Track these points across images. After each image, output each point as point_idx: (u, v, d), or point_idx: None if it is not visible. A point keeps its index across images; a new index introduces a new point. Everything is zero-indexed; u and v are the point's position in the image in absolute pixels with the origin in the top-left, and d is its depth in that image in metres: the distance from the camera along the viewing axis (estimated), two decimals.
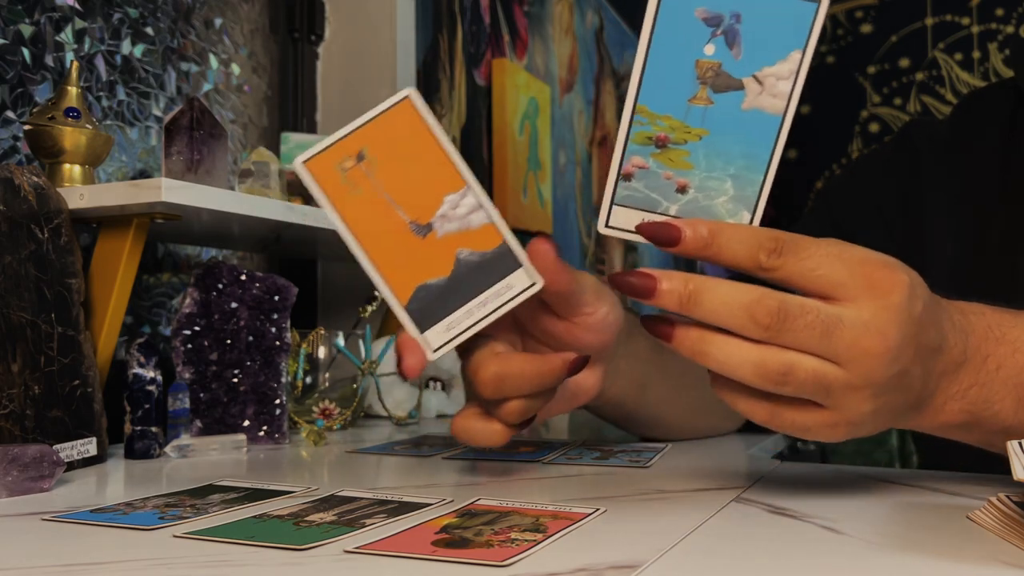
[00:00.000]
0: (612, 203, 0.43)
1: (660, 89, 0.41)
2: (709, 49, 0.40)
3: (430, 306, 0.46)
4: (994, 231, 0.70)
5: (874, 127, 3.24)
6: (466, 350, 0.49)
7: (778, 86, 0.40)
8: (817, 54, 3.33)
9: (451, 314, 0.46)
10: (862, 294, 0.40)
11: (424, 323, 0.46)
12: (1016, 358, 0.45)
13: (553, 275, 0.46)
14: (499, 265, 0.46)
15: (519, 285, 0.46)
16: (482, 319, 0.46)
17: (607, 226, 0.43)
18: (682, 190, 0.41)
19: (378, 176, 0.46)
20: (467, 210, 0.46)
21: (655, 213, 0.42)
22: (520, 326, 0.52)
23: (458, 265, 0.46)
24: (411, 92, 0.45)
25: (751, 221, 0.42)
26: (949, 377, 0.45)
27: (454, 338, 0.46)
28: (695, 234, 0.40)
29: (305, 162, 0.46)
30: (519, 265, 0.46)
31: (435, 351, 0.46)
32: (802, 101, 3.44)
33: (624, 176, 0.42)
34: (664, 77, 0.40)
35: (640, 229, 0.41)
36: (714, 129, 0.41)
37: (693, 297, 0.40)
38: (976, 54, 3.10)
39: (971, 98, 0.78)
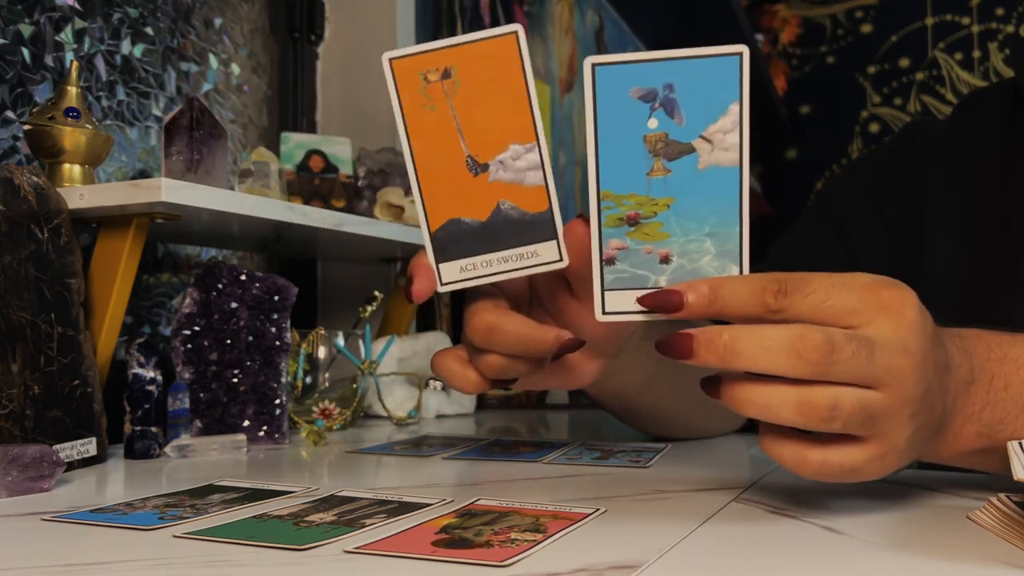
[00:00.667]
0: (603, 290, 0.43)
1: (618, 171, 0.42)
2: (652, 123, 0.42)
3: (455, 242, 0.46)
4: (994, 231, 0.70)
5: (874, 127, 3.24)
6: (473, 294, 0.49)
7: (727, 140, 0.41)
8: (817, 55, 3.33)
9: (471, 257, 0.46)
10: (877, 316, 0.40)
11: (443, 255, 0.46)
12: (1021, 375, 0.45)
13: (580, 259, 0.45)
14: (535, 229, 0.45)
15: (545, 256, 0.46)
16: (498, 273, 0.46)
17: (604, 313, 0.43)
18: (665, 260, 0.42)
19: (456, 99, 0.45)
20: (527, 165, 0.45)
21: (646, 289, 0.42)
22: (535, 292, 0.52)
23: (496, 214, 0.45)
24: (519, 28, 0.44)
25: (740, 272, 0.42)
26: (962, 398, 0.44)
27: (465, 280, 0.46)
28: (697, 294, 0.40)
29: (393, 59, 0.44)
30: (553, 237, 0.45)
31: (443, 284, 0.46)
32: (802, 101, 3.43)
33: (607, 261, 0.43)
34: (618, 159, 0.42)
35: (642, 302, 0.42)
36: (679, 195, 0.42)
37: (730, 347, 0.39)
38: (976, 54, 3.10)
39: (971, 98, 0.78)
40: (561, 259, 0.46)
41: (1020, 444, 0.40)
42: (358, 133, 1.24)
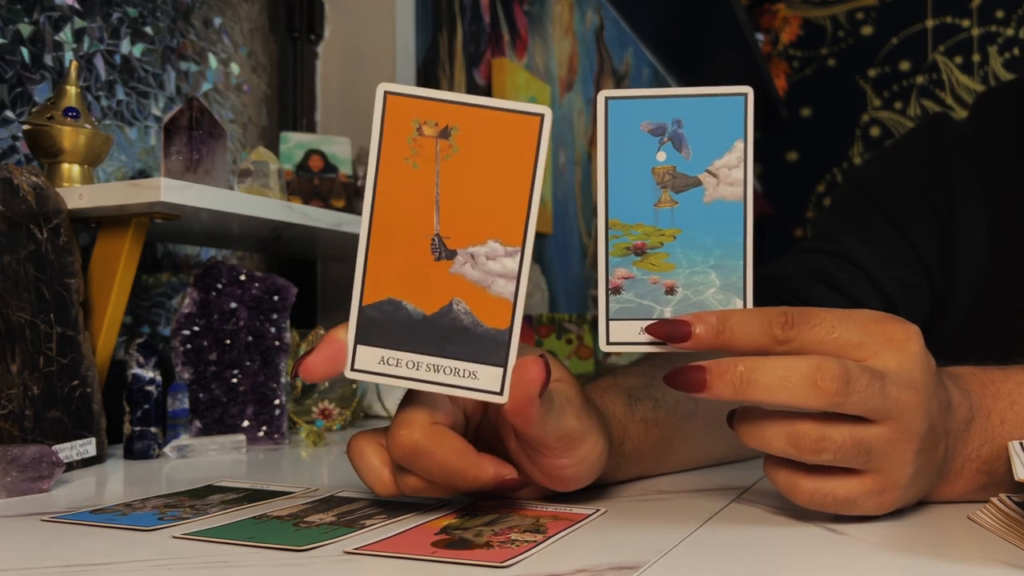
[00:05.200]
0: (608, 320, 0.43)
1: (626, 201, 0.43)
2: (661, 156, 0.42)
3: (386, 326, 0.38)
4: (1014, 226, 0.71)
5: (875, 131, 3.24)
6: (411, 394, 0.41)
7: (731, 175, 0.42)
8: (818, 56, 3.33)
9: (398, 351, 0.38)
10: (883, 349, 0.40)
11: (366, 337, 0.39)
12: (1015, 410, 0.45)
13: (519, 408, 0.39)
14: (484, 347, 0.38)
15: (484, 382, 0.38)
16: (422, 381, 0.39)
17: (609, 343, 0.43)
18: (671, 291, 0.43)
19: (446, 165, 0.38)
20: (500, 270, 0.38)
21: (651, 320, 0.42)
22: (487, 412, 0.45)
23: (445, 313, 0.38)
24: (547, 112, 0.38)
25: (744, 306, 0.42)
26: (962, 438, 0.44)
27: (380, 375, 0.39)
28: (706, 325, 0.40)
29: (389, 92, 0.38)
30: (502, 365, 0.38)
31: (352, 371, 0.39)
32: (803, 104, 3.43)
33: (613, 290, 0.43)
34: (627, 189, 0.43)
35: (650, 330, 0.41)
36: (685, 227, 0.43)
37: (746, 378, 0.39)
38: (976, 57, 3.10)
39: (987, 97, 0.79)
40: (501, 393, 0.38)
41: (1020, 444, 0.41)
42: (358, 133, 1.24)
